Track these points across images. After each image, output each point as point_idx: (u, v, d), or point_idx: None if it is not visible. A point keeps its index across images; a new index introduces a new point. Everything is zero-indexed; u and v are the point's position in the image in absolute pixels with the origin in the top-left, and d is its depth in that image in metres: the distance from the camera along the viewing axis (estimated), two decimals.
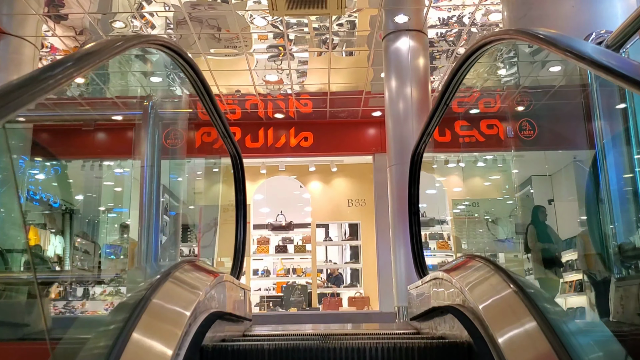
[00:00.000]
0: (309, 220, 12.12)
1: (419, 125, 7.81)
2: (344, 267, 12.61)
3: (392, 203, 7.68)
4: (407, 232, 7.60)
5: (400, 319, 7.28)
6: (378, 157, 11.25)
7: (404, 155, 7.61)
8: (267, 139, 11.25)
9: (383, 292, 10.76)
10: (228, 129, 3.24)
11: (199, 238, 10.95)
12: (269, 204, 14.32)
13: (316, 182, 11.94)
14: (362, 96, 10.32)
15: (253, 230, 12.18)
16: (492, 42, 2.43)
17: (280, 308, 11.06)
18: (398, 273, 7.61)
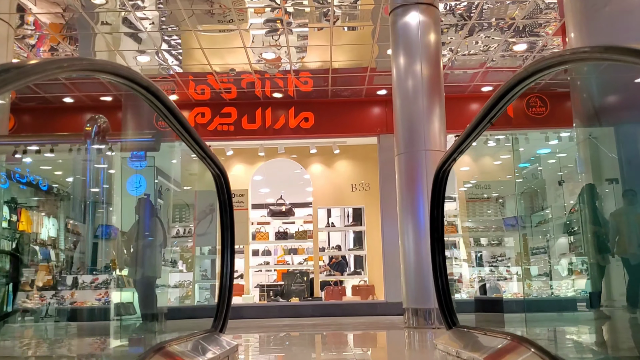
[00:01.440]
0: (310, 205, 11.52)
1: (430, 104, 7.21)
2: (348, 254, 12.05)
3: (401, 196, 7.05)
4: (417, 223, 7.02)
5: (410, 321, 6.71)
6: (383, 139, 10.60)
7: (413, 141, 6.97)
8: (265, 119, 10.58)
9: (389, 281, 10.21)
10: (206, 149, 2.57)
11: (194, 227, 10.36)
12: (269, 185, 13.72)
13: (317, 164, 11.30)
14: (366, 74, 9.62)
15: (252, 211, 11.59)
16: (566, 61, 1.77)
17: (281, 298, 10.52)
18: (407, 265, 7.01)
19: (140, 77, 1.87)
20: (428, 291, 6.63)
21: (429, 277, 6.80)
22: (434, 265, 2.95)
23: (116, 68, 1.75)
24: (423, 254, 6.77)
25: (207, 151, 2.64)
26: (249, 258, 11.21)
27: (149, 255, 7.03)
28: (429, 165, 6.83)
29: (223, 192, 2.91)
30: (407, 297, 6.87)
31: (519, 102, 10.54)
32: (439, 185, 2.92)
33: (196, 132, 2.08)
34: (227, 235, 2.97)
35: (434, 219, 2.96)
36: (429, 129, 6.94)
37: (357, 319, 9.40)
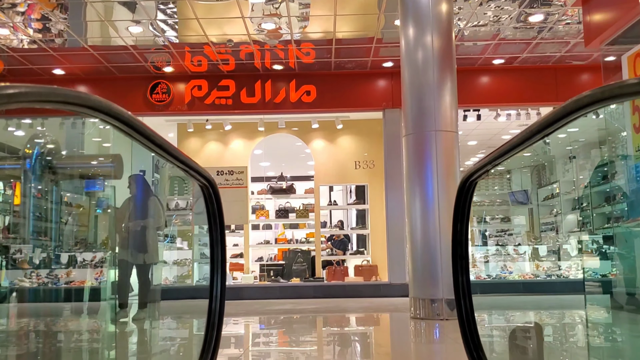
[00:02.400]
0: (312, 179, 11.10)
1: (441, 77, 6.74)
2: (350, 233, 11.69)
3: (408, 178, 6.62)
4: (425, 206, 6.63)
5: (416, 311, 6.34)
6: (389, 113, 10.14)
7: (423, 118, 6.53)
8: (265, 93, 10.10)
9: (393, 261, 9.88)
10: (189, 162, 2.08)
11: (192, 205, 9.98)
12: (269, 160, 13.31)
13: (319, 140, 10.85)
14: (372, 45, 9.11)
15: (251, 184, 11.19)
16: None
17: (282, 278, 10.20)
18: (414, 249, 6.62)
19: (108, 106, 1.40)
20: (436, 277, 6.27)
21: (436, 261, 6.47)
22: (457, 285, 2.50)
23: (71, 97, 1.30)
24: (430, 236, 6.39)
25: (191, 164, 2.17)
26: (249, 235, 10.85)
27: (144, 239, 6.61)
28: (439, 147, 6.41)
29: (212, 202, 2.44)
30: (413, 284, 6.50)
31: (513, 75, 10.05)
32: (464, 196, 2.44)
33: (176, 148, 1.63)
34: (217, 252, 2.52)
35: (456, 233, 2.49)
36: (439, 104, 6.49)
37: (360, 302, 9.09)
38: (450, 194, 6.45)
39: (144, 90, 10.12)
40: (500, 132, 12.47)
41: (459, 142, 6.72)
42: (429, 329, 5.82)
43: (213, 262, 2.60)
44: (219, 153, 10.91)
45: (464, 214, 2.60)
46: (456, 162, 6.57)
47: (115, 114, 1.49)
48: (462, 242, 2.65)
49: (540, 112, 10.48)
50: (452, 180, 6.48)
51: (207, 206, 2.53)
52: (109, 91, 10.20)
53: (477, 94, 10.04)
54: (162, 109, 10.14)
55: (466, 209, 2.60)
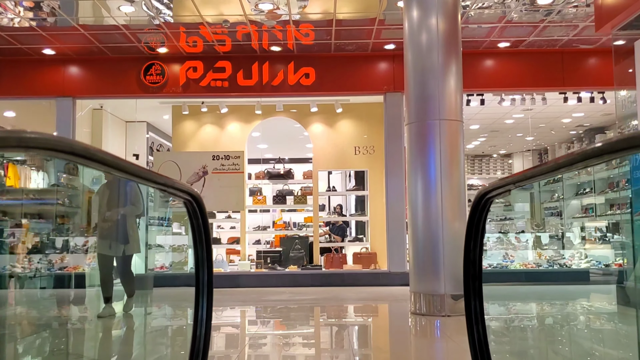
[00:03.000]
0: (310, 161, 10.81)
1: (446, 60, 6.40)
2: (349, 219, 11.45)
3: (410, 167, 6.36)
4: (428, 199, 6.38)
5: (416, 305, 6.12)
6: (390, 97, 9.84)
7: (426, 105, 6.25)
8: (262, 75, 9.78)
9: (393, 249, 9.66)
10: (167, 181, 1.82)
11: None
12: (266, 142, 13.04)
13: (318, 124, 10.55)
14: (373, 27, 8.77)
15: (248, 166, 10.91)
16: None
17: (279, 266, 9.98)
18: (416, 238, 6.38)
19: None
20: (437, 268, 6.04)
21: (438, 251, 6.23)
22: (469, 309, 2.26)
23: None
24: (432, 226, 6.16)
25: (169, 182, 1.91)
26: (246, 220, 10.61)
27: (124, 229, 6.23)
28: (443, 138, 6.14)
29: (196, 217, 2.17)
30: (414, 277, 6.27)
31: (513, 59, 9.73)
32: (479, 213, 2.19)
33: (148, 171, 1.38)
34: (203, 273, 2.27)
35: (468, 251, 2.26)
36: (444, 88, 6.21)
37: (358, 292, 8.88)
38: (454, 184, 6.19)
39: (137, 72, 9.79)
40: (504, 117, 12.19)
41: (463, 131, 6.45)
42: (430, 328, 5.61)
43: (198, 284, 2.34)
44: (215, 136, 10.62)
45: (478, 231, 2.33)
46: (460, 152, 6.31)
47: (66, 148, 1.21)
48: (476, 261, 2.39)
49: (546, 97, 10.20)
50: (455, 170, 6.22)
51: (192, 221, 2.26)
52: (101, 72, 9.87)
53: (481, 78, 9.73)
54: (156, 91, 9.82)
55: (481, 226, 2.33)
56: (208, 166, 9.77)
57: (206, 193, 9.71)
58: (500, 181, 2.12)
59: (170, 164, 9.79)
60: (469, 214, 2.26)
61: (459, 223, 6.17)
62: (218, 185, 9.74)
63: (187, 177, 9.75)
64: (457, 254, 6.13)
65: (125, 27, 8.67)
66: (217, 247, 11.53)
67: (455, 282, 6.03)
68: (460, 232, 6.26)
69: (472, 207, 2.26)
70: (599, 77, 9.58)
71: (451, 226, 6.13)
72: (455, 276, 6.05)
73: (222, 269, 9.97)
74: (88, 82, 9.89)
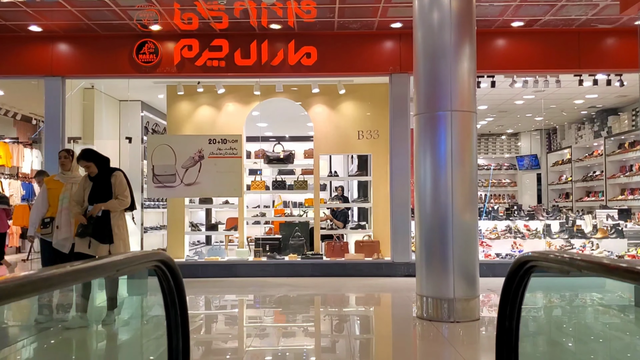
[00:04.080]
0: (312, 139, 10.33)
1: (459, 40, 5.84)
2: (352, 206, 11.04)
3: (418, 162, 5.91)
4: (436, 186, 5.95)
5: (422, 309, 5.73)
6: (396, 78, 9.34)
7: (436, 95, 5.78)
8: (261, 54, 9.26)
9: (397, 238, 9.27)
10: (128, 259, 1.32)
11: (182, 175, 9.29)
12: (265, 121, 12.57)
13: (320, 105, 10.05)
14: (379, 5, 8.22)
15: (246, 144, 10.47)
16: None
17: (278, 254, 9.60)
18: (423, 233, 5.97)
19: None
20: (446, 268, 5.63)
21: (447, 248, 5.83)
22: None
23: None
24: (441, 217, 5.74)
25: (133, 259, 1.46)
26: (244, 206, 10.20)
27: (107, 227, 5.49)
28: (454, 131, 5.68)
29: (167, 279, 1.72)
30: (420, 277, 5.87)
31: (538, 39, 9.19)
32: (518, 280, 1.74)
33: (105, 263, 0.93)
34: (177, 340, 1.83)
35: (504, 318, 1.82)
36: (456, 71, 5.74)
37: (360, 284, 8.52)
38: (465, 181, 5.75)
39: (130, 50, 9.27)
40: (513, 98, 11.68)
41: (477, 123, 5.98)
42: (437, 337, 5.22)
43: (172, 353, 1.91)
44: (211, 118, 10.14)
45: (516, 298, 1.89)
46: (473, 146, 5.85)
47: None
48: (512, 330, 1.96)
49: (560, 80, 9.68)
50: (467, 166, 5.76)
51: (162, 285, 1.82)
52: (91, 51, 9.36)
53: (493, 59, 9.20)
54: (149, 71, 9.31)
55: (519, 293, 1.89)
56: (204, 150, 9.31)
57: (202, 178, 9.28)
58: (545, 253, 1.67)
59: (164, 148, 9.34)
60: (505, 284, 1.82)
61: (470, 215, 5.74)
62: (214, 171, 9.30)
63: (182, 161, 9.31)
64: (468, 250, 5.71)
65: (114, 4, 8.14)
66: (215, 233, 11.15)
67: (465, 284, 5.63)
68: (471, 225, 5.87)
69: (510, 272, 1.83)
70: (618, 58, 9.07)
71: (462, 219, 5.69)
72: (466, 276, 5.65)
73: (219, 257, 9.59)
74: (78, 61, 9.38)
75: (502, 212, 10.47)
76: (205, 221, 14.89)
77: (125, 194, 5.59)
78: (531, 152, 16.70)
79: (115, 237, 5.50)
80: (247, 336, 5.66)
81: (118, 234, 5.53)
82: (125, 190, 5.59)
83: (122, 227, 5.62)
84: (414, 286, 7.38)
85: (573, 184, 14.62)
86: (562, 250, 8.84)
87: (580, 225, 10.19)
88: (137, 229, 11.12)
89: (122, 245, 5.55)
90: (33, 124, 14.38)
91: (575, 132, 14.73)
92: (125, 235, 5.64)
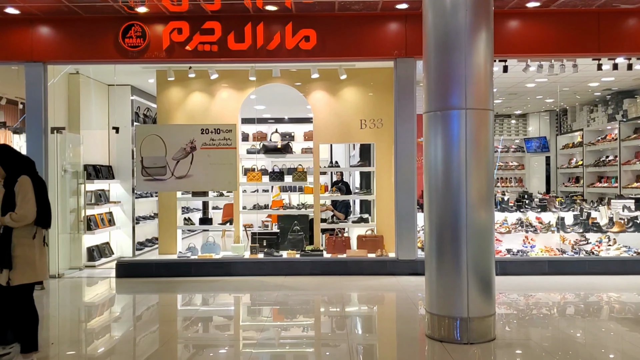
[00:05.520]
0: (311, 122, 9.69)
1: (475, 21, 5.18)
2: (354, 198, 10.47)
3: (428, 167, 5.32)
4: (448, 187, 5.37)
5: (432, 328, 5.20)
6: (401, 63, 8.70)
7: (448, 89, 5.18)
8: (257, 38, 8.61)
9: (402, 234, 8.74)
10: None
11: (172, 168, 8.73)
12: (263, 104, 11.98)
13: (320, 92, 9.42)
14: None
15: (242, 126, 9.93)
16: None
17: (276, 251, 9.07)
18: (433, 232, 5.44)
19: None
20: (460, 284, 5.08)
21: (460, 256, 5.29)
22: None
23: None
24: (452, 214, 5.19)
25: None
26: (240, 198, 9.65)
27: (6, 248, 4.48)
28: (469, 134, 5.08)
29: None
30: (430, 293, 5.33)
31: None
32: None
33: None
34: None
35: None
36: (471, 55, 5.12)
37: (362, 283, 8.00)
38: (482, 187, 5.17)
39: (115, 34, 8.62)
40: (525, 81, 11.03)
41: (494, 121, 5.38)
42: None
43: None
44: (204, 106, 9.53)
45: None
46: (489, 147, 5.26)
47: None
48: None
49: (577, 64, 9.02)
50: (484, 170, 5.18)
51: None
52: (74, 35, 8.70)
53: (506, 42, 8.54)
54: (136, 56, 8.67)
55: None
56: (196, 141, 8.73)
57: (194, 171, 8.71)
58: None
59: (154, 139, 8.75)
60: None
61: (486, 214, 5.18)
62: (207, 162, 8.73)
63: (173, 152, 8.73)
64: (483, 259, 5.16)
65: None
66: (210, 227, 10.62)
67: (481, 299, 5.09)
68: (487, 226, 5.31)
69: None
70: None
71: (475, 224, 5.13)
72: (481, 290, 5.10)
73: (213, 254, 9.07)
74: (60, 45, 8.73)
75: (512, 203, 9.92)
76: (202, 207, 14.38)
77: (23, 207, 4.40)
78: (540, 134, 16.06)
79: (17, 261, 4.43)
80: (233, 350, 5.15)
81: (21, 256, 4.46)
82: (25, 203, 4.41)
83: (28, 246, 4.50)
84: (420, 287, 6.86)
85: (584, 168, 14.02)
86: None
87: (596, 218, 9.64)
88: (128, 220, 10.62)
89: (29, 270, 4.49)
90: (20, 108, 13.76)
91: (587, 115, 14.08)
92: (33, 258, 4.51)
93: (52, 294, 7.78)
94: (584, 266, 8.70)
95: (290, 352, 5.20)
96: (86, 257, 9.81)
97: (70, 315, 6.76)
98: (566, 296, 7.48)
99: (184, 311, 6.92)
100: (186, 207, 13.12)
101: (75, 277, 8.98)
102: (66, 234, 9.27)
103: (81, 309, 7.16)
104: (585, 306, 6.98)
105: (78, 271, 9.36)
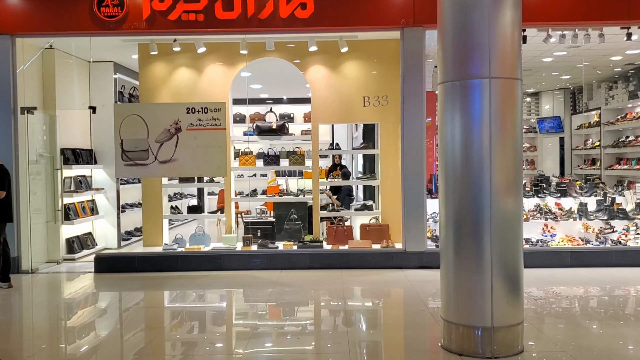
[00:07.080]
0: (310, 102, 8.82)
1: None
2: (355, 183, 9.63)
3: (444, 143, 4.47)
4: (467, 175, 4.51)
5: (449, 339, 4.40)
6: (409, 33, 7.82)
7: (469, 55, 4.31)
8: (247, 5, 7.72)
9: (410, 223, 7.93)
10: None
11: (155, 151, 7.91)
12: (259, 82, 11.13)
13: (318, 66, 8.55)
14: None
15: (233, 106, 9.13)
16: None
17: (271, 242, 8.27)
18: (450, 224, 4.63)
19: None
20: (482, 290, 4.27)
21: (483, 262, 4.47)
22: None
23: None
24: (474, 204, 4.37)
25: None
26: (232, 184, 8.84)
27: None
28: (494, 108, 4.24)
29: None
30: (447, 298, 4.51)
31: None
32: None
33: None
34: None
35: None
36: (495, 10, 4.26)
37: (366, 278, 7.20)
38: (508, 159, 4.32)
39: (90, 3, 7.75)
40: (542, 54, 10.12)
41: (521, 93, 4.53)
42: None
43: None
44: (191, 82, 8.67)
45: None
46: (517, 122, 4.41)
47: None
48: None
49: (604, 33, 8.12)
50: (510, 144, 4.33)
51: None
52: (44, 4, 7.83)
53: (525, 8, 7.61)
54: (113, 27, 7.80)
55: None
56: (182, 121, 7.88)
57: (180, 155, 7.87)
58: None
59: (134, 119, 7.90)
60: None
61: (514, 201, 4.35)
62: (194, 145, 7.89)
63: (156, 134, 7.88)
64: (511, 250, 4.34)
65: None
66: (198, 216, 9.79)
67: (507, 306, 4.28)
68: (515, 215, 4.48)
69: None
70: None
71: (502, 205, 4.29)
72: (508, 296, 4.29)
73: (202, 246, 8.27)
74: (28, 16, 7.86)
75: (529, 188, 9.09)
76: (197, 193, 13.57)
77: None
78: (554, 114, 15.17)
79: None
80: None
81: None
82: None
83: None
84: (430, 282, 6.18)
85: (602, 149, 13.14)
86: None
87: (621, 204, 8.81)
88: (112, 209, 9.83)
89: None
90: None
91: (605, 92, 13.16)
92: None
93: (24, 292, 7.00)
94: (610, 257, 7.88)
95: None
96: (65, 249, 9.01)
97: (38, 319, 5.97)
98: (599, 293, 6.66)
99: (155, 316, 6.12)
100: (179, 192, 12.31)
101: (51, 272, 8.18)
102: (41, 224, 8.46)
103: (51, 311, 6.35)
104: (623, 306, 6.16)
105: (56, 265, 8.57)
